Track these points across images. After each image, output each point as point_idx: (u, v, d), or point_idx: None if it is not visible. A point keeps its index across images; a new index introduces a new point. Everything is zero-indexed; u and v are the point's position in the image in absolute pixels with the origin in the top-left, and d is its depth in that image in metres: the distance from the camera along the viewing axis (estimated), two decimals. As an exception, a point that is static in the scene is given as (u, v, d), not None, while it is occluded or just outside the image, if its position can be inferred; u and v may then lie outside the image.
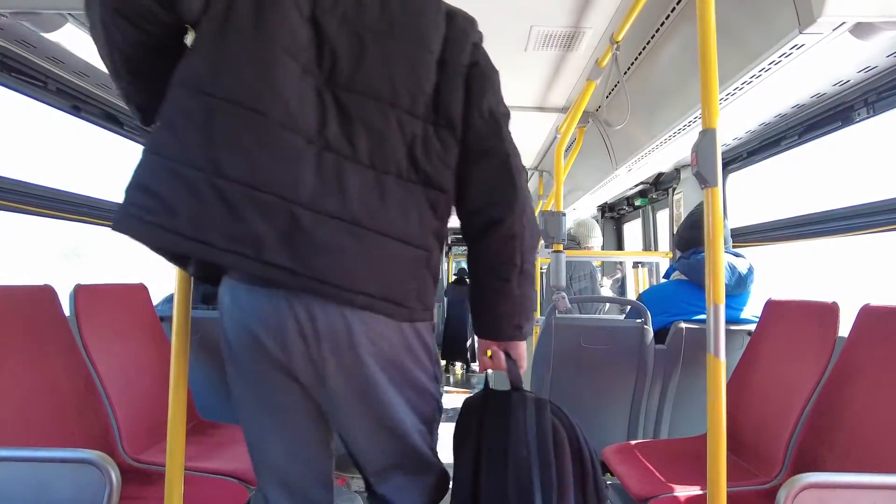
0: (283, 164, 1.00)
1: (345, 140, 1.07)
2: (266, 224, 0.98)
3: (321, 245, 1.01)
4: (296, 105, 1.03)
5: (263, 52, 1.02)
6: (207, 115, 0.99)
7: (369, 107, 1.09)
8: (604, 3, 2.25)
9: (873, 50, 1.72)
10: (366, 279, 1.04)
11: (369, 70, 1.10)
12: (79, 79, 2.17)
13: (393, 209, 1.08)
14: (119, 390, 1.91)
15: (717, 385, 1.22)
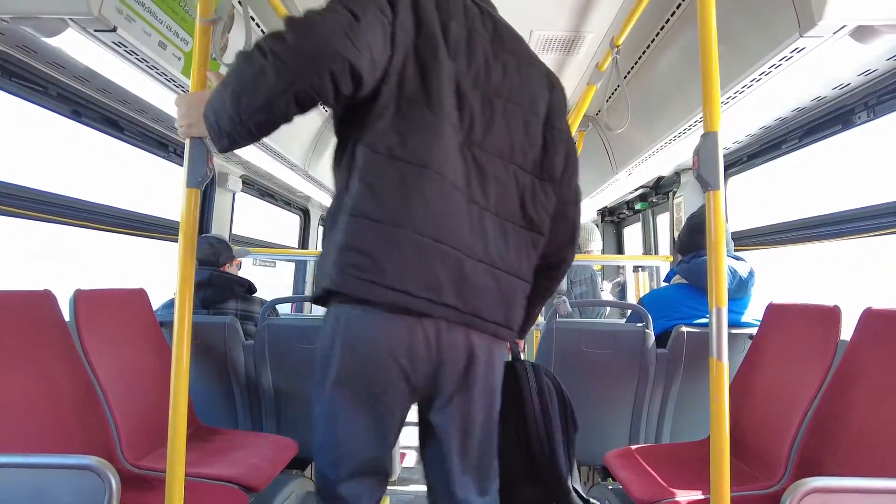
0: (455, 218, 1.19)
1: (481, 192, 1.24)
2: (444, 271, 1.17)
3: (476, 286, 1.21)
4: (455, 164, 1.21)
5: (434, 118, 1.19)
6: (401, 178, 1.15)
7: (495, 162, 1.27)
8: (604, 8, 2.26)
9: (873, 53, 1.73)
10: (497, 310, 1.26)
11: (496, 130, 1.27)
12: (79, 84, 2.17)
13: (512, 250, 1.29)
14: (119, 396, 1.90)
15: (719, 389, 1.21)
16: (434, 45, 1.22)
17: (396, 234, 1.13)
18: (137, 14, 1.71)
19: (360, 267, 1.13)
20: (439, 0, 1.26)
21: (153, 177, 3.08)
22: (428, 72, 1.20)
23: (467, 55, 1.26)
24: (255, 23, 2.39)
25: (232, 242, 3.54)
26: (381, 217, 1.14)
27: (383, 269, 1.13)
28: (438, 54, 1.22)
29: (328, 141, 3.74)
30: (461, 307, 1.19)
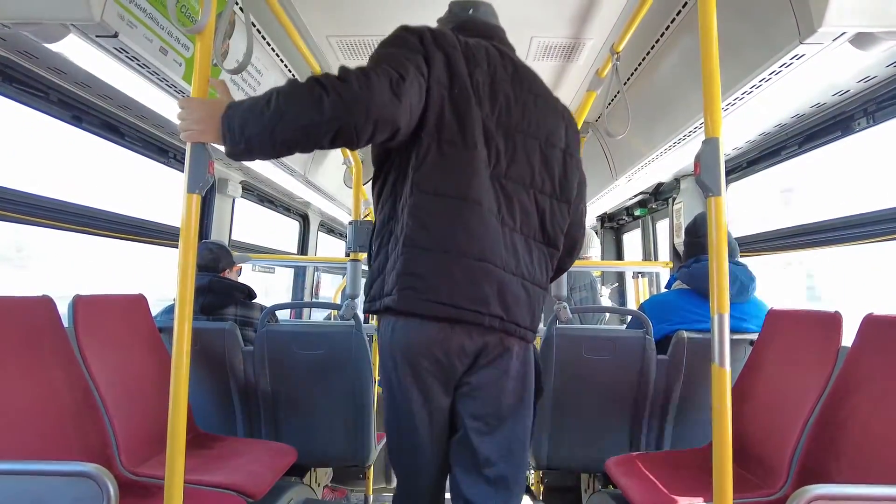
0: (493, 240, 1.41)
1: (510, 216, 1.46)
2: (489, 286, 1.39)
3: (513, 297, 1.43)
4: (488, 194, 1.43)
5: (469, 157, 1.42)
6: (446, 211, 1.39)
7: (519, 189, 1.49)
8: (604, 15, 2.27)
9: (873, 60, 1.73)
10: (527, 317, 1.48)
11: (519, 162, 1.49)
12: (80, 89, 2.17)
13: (535, 264, 1.51)
14: (117, 402, 1.89)
15: (722, 395, 1.21)
16: (466, 95, 1.43)
17: (446, 259, 1.38)
18: (139, 20, 1.71)
19: (414, 287, 1.37)
20: (467, 52, 1.48)
21: (154, 183, 3.09)
22: (462, 118, 1.42)
23: (491, 99, 1.48)
24: (255, 29, 2.39)
25: (231, 248, 3.54)
26: (432, 246, 1.38)
27: (437, 288, 1.37)
28: (470, 102, 1.44)
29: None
30: (504, 316, 1.42)
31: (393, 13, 2.33)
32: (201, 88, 1.38)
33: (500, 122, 1.48)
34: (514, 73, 1.55)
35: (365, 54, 2.70)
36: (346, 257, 2.75)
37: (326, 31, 2.49)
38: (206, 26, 1.38)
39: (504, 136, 1.48)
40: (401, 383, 1.46)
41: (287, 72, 2.80)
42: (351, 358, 2.43)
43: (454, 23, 1.63)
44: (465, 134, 1.42)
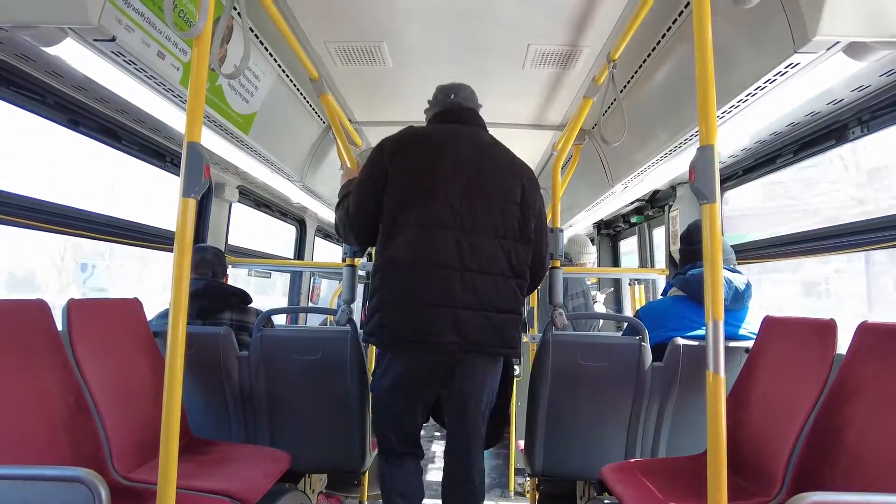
0: (449, 286, 1.91)
1: (474, 262, 1.94)
2: (444, 323, 1.90)
3: (471, 326, 1.93)
4: (450, 252, 1.92)
5: (436, 231, 1.94)
6: (411, 275, 1.92)
7: (484, 240, 1.96)
8: (600, 23, 2.28)
9: (867, 69, 1.74)
10: (493, 339, 1.97)
11: (482, 220, 1.97)
12: (77, 93, 2.17)
13: (502, 295, 1.99)
14: (111, 406, 1.88)
15: (717, 402, 1.21)
16: (423, 181, 1.96)
17: (409, 310, 1.92)
18: (137, 24, 1.72)
19: (385, 332, 1.96)
20: (434, 142, 2.04)
21: (150, 187, 3.08)
22: (423, 198, 1.95)
23: (454, 175, 1.97)
24: (253, 34, 2.40)
25: (228, 253, 3.53)
26: (397, 301, 1.94)
27: (398, 332, 1.94)
28: (426, 186, 1.96)
29: (325, 152, 3.75)
30: (461, 342, 1.92)
31: (389, 20, 2.34)
32: (197, 93, 1.38)
33: (464, 190, 1.97)
34: (479, 149, 2.06)
35: (361, 60, 2.70)
36: (343, 262, 2.74)
37: (323, 36, 2.49)
38: (203, 30, 1.38)
39: (470, 202, 1.97)
40: (393, 389, 2.07)
41: (284, 76, 2.81)
42: (346, 363, 2.42)
43: (438, 108, 2.20)
44: (431, 213, 1.94)
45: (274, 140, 3.02)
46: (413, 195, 1.95)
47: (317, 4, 2.23)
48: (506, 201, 2.01)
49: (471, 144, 2.04)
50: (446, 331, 1.89)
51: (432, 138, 2.05)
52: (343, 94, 3.20)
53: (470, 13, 2.27)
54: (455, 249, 1.92)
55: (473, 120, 2.16)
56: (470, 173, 1.98)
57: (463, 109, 2.16)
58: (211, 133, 2.50)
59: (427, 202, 1.93)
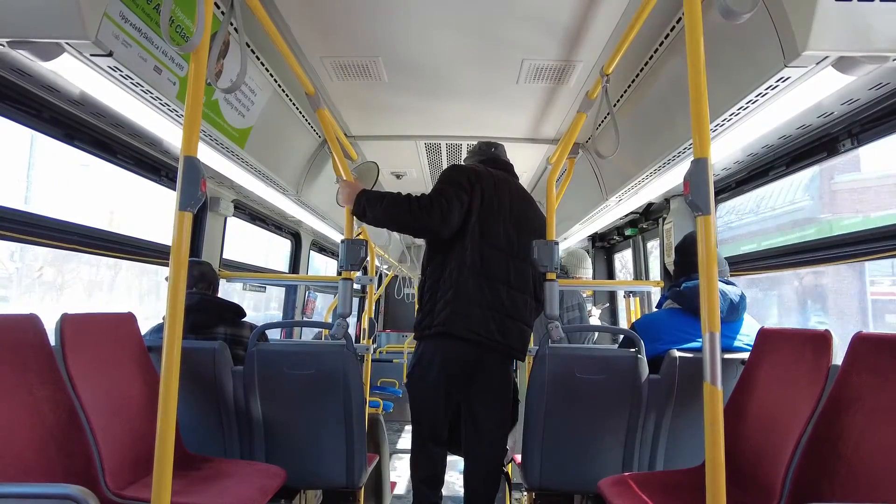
0: (501, 298, 2.43)
1: (517, 281, 2.49)
2: (495, 325, 2.41)
3: (510, 330, 2.46)
4: (503, 269, 2.46)
5: (496, 248, 2.46)
6: (477, 283, 2.40)
7: (523, 265, 2.51)
8: (594, 38, 2.31)
9: (856, 83, 1.77)
10: (518, 343, 2.52)
11: (524, 248, 2.48)
12: (73, 108, 2.18)
13: (527, 311, 2.55)
14: (104, 422, 1.86)
15: (714, 414, 1.21)
16: (493, 211, 2.47)
17: (474, 310, 2.39)
18: (134, 39, 1.73)
19: (457, 322, 2.39)
20: (496, 182, 2.55)
21: (146, 202, 3.08)
22: (490, 225, 2.46)
23: (509, 210, 2.52)
24: (250, 49, 2.41)
25: (223, 267, 3.52)
26: (466, 302, 2.39)
27: (469, 324, 2.39)
28: (496, 215, 2.48)
29: (321, 166, 3.76)
30: (502, 341, 2.44)
31: (384, 36, 2.36)
32: (194, 107, 1.39)
33: (514, 224, 2.52)
34: (518, 192, 2.65)
35: (356, 75, 2.72)
36: (338, 276, 2.74)
37: (320, 51, 2.51)
38: (200, 45, 1.39)
39: (517, 232, 2.51)
40: (433, 381, 2.50)
41: (280, 91, 2.82)
42: (342, 378, 2.41)
43: (484, 156, 2.75)
44: (494, 234, 2.45)
45: (270, 154, 3.02)
46: (482, 220, 2.45)
47: (313, 20, 2.25)
48: (535, 232, 2.54)
49: (517, 190, 2.66)
50: (495, 331, 2.41)
51: (496, 178, 2.57)
52: (339, 108, 3.22)
53: (464, 29, 2.30)
54: (506, 268, 2.46)
55: (512, 171, 2.77)
56: (518, 213, 2.56)
57: (505, 163, 2.77)
58: (207, 147, 2.50)
59: (490, 229, 2.46)
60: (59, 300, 4.83)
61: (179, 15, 1.89)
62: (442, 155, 4.05)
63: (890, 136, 2.03)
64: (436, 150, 3.95)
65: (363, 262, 2.68)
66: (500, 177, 2.59)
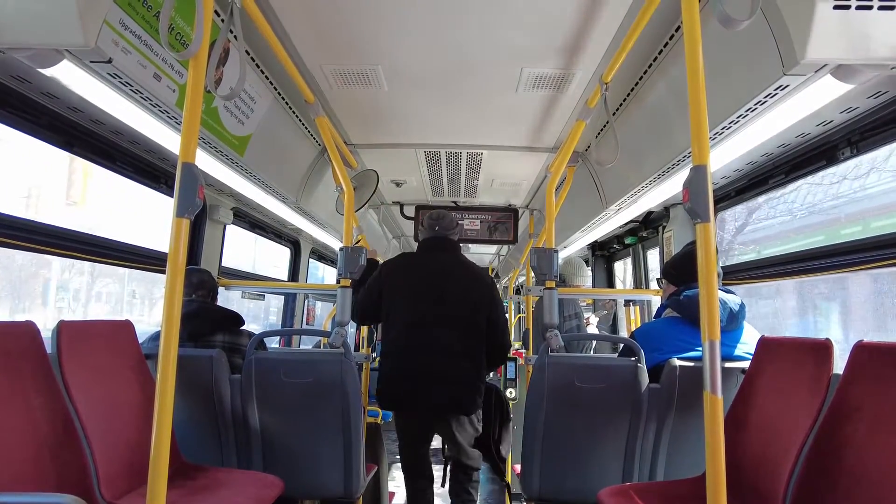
0: (423, 365, 2.79)
1: (440, 347, 2.79)
2: (420, 392, 2.79)
3: (439, 393, 2.78)
4: (421, 342, 2.81)
5: (408, 327, 2.84)
6: (398, 357, 2.84)
7: (450, 332, 2.83)
8: (593, 46, 2.32)
9: (855, 91, 1.77)
10: (449, 402, 2.83)
11: (452, 316, 2.85)
12: (73, 114, 2.18)
13: (459, 371, 2.82)
14: (99, 431, 1.84)
15: (715, 424, 1.20)
16: (408, 293, 2.89)
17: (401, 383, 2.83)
18: (133, 46, 1.73)
19: (386, 400, 2.88)
20: (413, 265, 3.01)
21: (146, 210, 3.07)
22: (404, 308, 2.86)
23: (429, 289, 2.87)
24: (249, 57, 2.42)
25: (221, 275, 3.51)
26: (389, 373, 2.86)
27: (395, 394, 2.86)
28: (411, 297, 2.87)
29: (321, 175, 3.76)
30: (427, 405, 2.82)
31: (384, 44, 2.37)
32: (193, 114, 1.39)
33: (438, 299, 2.84)
34: (451, 268, 2.96)
35: (357, 82, 2.73)
36: (337, 284, 2.73)
37: (319, 60, 2.52)
38: (199, 52, 1.39)
39: (442, 304, 2.83)
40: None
41: (280, 99, 2.83)
42: (340, 386, 2.39)
43: (423, 236, 3.16)
44: (408, 315, 2.83)
45: (269, 162, 3.03)
46: (395, 304, 2.89)
47: (313, 28, 2.25)
48: (472, 306, 2.88)
49: (444, 265, 2.97)
50: (420, 395, 2.78)
51: (417, 259, 3.06)
52: (338, 116, 3.22)
53: (464, 37, 2.30)
54: (427, 339, 2.80)
55: (448, 246, 3.07)
56: (443, 285, 2.88)
57: (440, 239, 3.06)
58: (206, 154, 2.50)
59: (409, 309, 2.85)
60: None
61: (179, 22, 1.90)
62: (442, 163, 4.06)
63: (889, 145, 2.04)
64: (435, 158, 3.95)
65: (362, 269, 2.68)
66: (424, 258, 3.03)
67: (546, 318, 2.54)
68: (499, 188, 4.70)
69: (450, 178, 4.48)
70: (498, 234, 4.94)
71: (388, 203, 5.27)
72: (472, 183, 4.59)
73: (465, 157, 3.91)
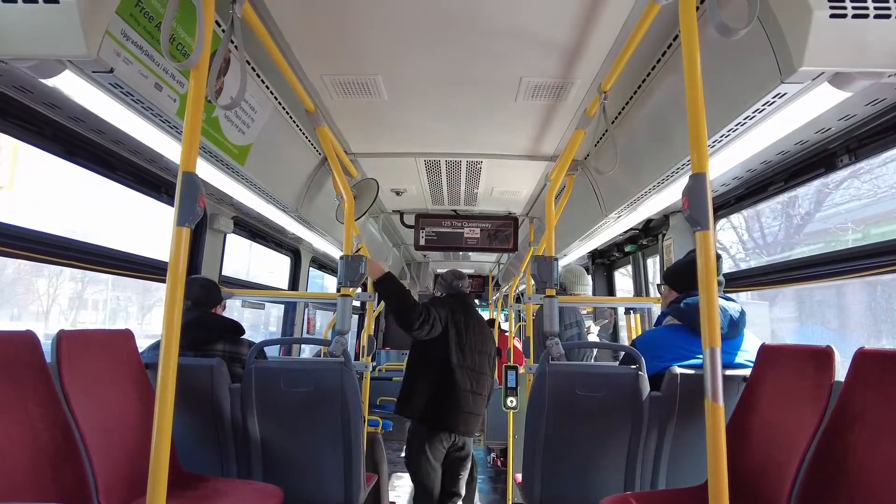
0: (463, 400, 3.32)
1: (477, 386, 3.38)
2: (460, 419, 3.33)
3: (470, 422, 3.38)
4: (465, 379, 3.33)
5: (456, 367, 3.34)
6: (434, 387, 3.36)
7: (479, 374, 3.40)
8: (591, 55, 2.33)
9: (853, 99, 1.78)
10: (474, 428, 3.46)
11: (480, 361, 3.45)
12: (74, 124, 2.19)
13: (480, 406, 3.47)
14: (99, 441, 1.84)
15: (716, 431, 1.19)
16: (457, 330, 3.34)
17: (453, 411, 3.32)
18: (135, 56, 1.74)
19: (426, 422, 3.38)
20: (456, 309, 3.40)
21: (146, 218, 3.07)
22: (454, 343, 3.31)
23: (465, 332, 3.36)
24: (250, 67, 2.44)
25: (221, 284, 3.51)
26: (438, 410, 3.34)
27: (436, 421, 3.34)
28: (457, 335, 3.33)
29: (321, 183, 3.77)
30: (466, 431, 3.37)
31: (384, 54, 2.39)
32: (193, 123, 1.40)
33: (470, 345, 3.36)
34: (475, 317, 3.51)
35: (357, 92, 2.74)
36: (337, 292, 2.73)
37: (320, 70, 2.53)
38: (199, 61, 1.40)
39: (470, 351, 3.36)
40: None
41: (280, 108, 2.84)
42: (340, 395, 2.38)
43: (448, 289, 3.62)
44: (459, 352, 3.32)
45: (270, 171, 3.04)
46: (449, 336, 3.30)
47: (313, 38, 2.27)
48: (487, 351, 3.51)
49: (470, 314, 3.50)
50: (459, 422, 3.30)
51: (458, 305, 3.48)
52: (339, 125, 3.24)
53: (463, 47, 2.32)
54: (467, 378, 3.31)
55: (470, 298, 3.74)
56: (470, 332, 3.39)
57: (464, 294, 3.64)
58: (207, 164, 2.51)
59: (458, 347, 3.32)
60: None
61: (180, 32, 1.91)
62: (441, 172, 4.07)
63: (888, 152, 2.04)
64: (435, 167, 3.97)
65: (362, 278, 2.68)
66: (459, 304, 3.50)
67: (546, 327, 2.53)
68: (499, 196, 4.71)
69: (450, 187, 4.49)
70: (498, 242, 4.94)
71: (388, 212, 5.29)
72: (472, 191, 4.60)
73: (464, 165, 3.92)
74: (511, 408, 3.89)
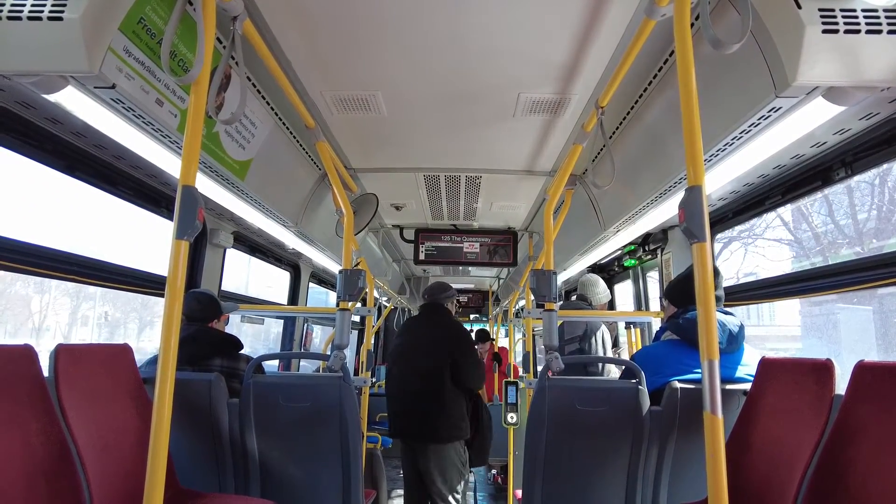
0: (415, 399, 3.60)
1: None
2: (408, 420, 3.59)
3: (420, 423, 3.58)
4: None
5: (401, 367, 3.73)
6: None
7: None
8: (588, 71, 2.36)
9: (847, 113, 1.80)
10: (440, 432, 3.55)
11: (428, 359, 3.63)
12: (75, 139, 2.20)
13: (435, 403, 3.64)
14: (95, 457, 1.82)
15: (716, 444, 1.18)
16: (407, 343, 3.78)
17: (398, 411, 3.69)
18: (136, 72, 1.76)
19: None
20: (409, 325, 3.93)
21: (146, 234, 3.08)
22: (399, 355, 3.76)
23: (417, 339, 3.72)
24: (251, 83, 2.46)
25: (221, 298, 3.51)
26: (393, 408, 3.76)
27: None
28: (408, 346, 3.74)
29: (321, 198, 3.78)
30: (418, 434, 3.53)
31: (384, 70, 2.41)
32: (193, 138, 1.41)
33: (418, 349, 3.61)
34: (433, 324, 3.72)
35: (357, 108, 2.77)
36: (336, 307, 2.72)
37: (320, 86, 2.56)
38: (200, 76, 1.41)
39: (420, 353, 3.60)
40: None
41: (281, 124, 2.86)
42: (338, 411, 2.37)
43: (423, 302, 3.95)
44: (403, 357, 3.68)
45: (270, 186, 3.05)
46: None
47: (313, 54, 2.30)
48: (442, 351, 3.57)
49: (430, 320, 3.77)
50: (410, 425, 3.54)
51: (412, 320, 3.94)
52: (339, 141, 3.26)
53: (462, 64, 2.34)
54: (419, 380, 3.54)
55: (435, 306, 3.83)
56: (420, 338, 3.66)
57: (429, 305, 3.84)
58: (207, 179, 2.53)
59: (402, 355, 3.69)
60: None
61: (182, 49, 1.93)
62: (441, 187, 4.09)
63: (882, 165, 2.06)
64: (435, 182, 3.99)
65: (361, 292, 2.68)
66: (419, 318, 3.88)
67: (546, 341, 2.52)
68: (498, 211, 4.73)
69: (449, 202, 4.51)
70: (497, 256, 4.95)
71: (387, 226, 5.30)
72: (472, 206, 4.62)
73: (463, 180, 3.94)
74: (511, 424, 3.86)
